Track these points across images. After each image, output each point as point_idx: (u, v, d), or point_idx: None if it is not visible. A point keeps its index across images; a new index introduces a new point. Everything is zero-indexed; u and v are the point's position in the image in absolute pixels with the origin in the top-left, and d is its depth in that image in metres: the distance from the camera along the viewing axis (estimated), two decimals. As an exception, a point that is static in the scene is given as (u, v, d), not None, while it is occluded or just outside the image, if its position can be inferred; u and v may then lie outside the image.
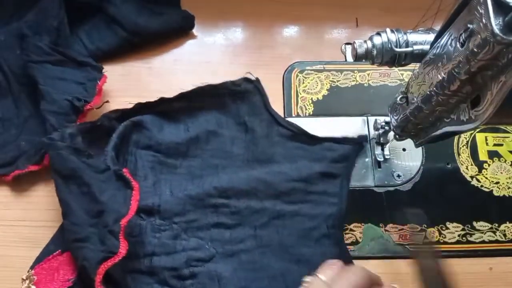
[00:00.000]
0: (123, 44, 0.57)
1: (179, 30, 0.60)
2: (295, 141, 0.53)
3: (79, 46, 0.57)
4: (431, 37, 0.37)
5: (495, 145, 0.55)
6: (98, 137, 0.50)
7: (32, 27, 0.53)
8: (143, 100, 0.53)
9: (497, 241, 0.50)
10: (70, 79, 0.53)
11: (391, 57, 0.39)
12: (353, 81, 0.58)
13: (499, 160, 0.54)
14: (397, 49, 0.38)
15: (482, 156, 0.54)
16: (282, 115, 0.55)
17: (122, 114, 0.51)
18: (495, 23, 0.26)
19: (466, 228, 0.50)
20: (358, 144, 0.53)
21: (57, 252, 0.45)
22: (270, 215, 0.49)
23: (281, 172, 0.50)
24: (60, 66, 0.53)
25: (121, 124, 0.50)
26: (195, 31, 0.61)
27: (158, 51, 0.60)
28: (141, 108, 0.52)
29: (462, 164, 0.54)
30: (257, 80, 0.54)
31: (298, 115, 0.56)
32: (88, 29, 0.58)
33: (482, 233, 0.50)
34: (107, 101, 0.54)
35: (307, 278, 0.35)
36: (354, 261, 0.48)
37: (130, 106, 0.52)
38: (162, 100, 0.52)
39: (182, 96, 0.53)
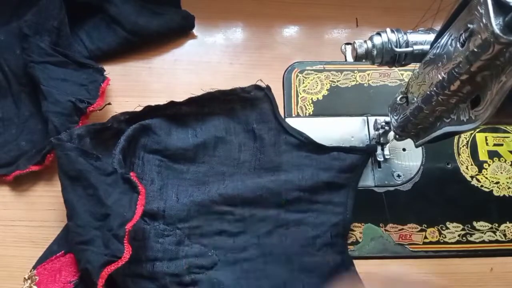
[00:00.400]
0: (123, 44, 0.57)
1: (179, 30, 0.60)
2: (303, 150, 0.52)
3: (79, 46, 0.57)
4: (431, 37, 0.37)
5: (495, 145, 0.55)
6: (106, 139, 0.50)
7: (32, 27, 0.53)
8: (143, 100, 0.53)
9: (497, 241, 0.50)
10: (72, 81, 0.53)
11: (391, 57, 0.39)
12: (353, 81, 0.58)
13: (499, 160, 0.54)
14: (397, 49, 0.38)
15: (482, 156, 0.54)
16: (282, 115, 0.55)
17: (131, 117, 0.51)
18: (495, 23, 0.26)
19: (466, 228, 0.50)
20: (366, 153, 0.52)
21: (60, 253, 0.45)
22: (274, 223, 0.48)
23: (287, 180, 0.50)
24: (61, 67, 0.53)
25: (129, 127, 0.50)
26: (195, 31, 0.61)
27: (158, 51, 0.60)
28: (150, 111, 0.52)
29: (462, 164, 0.54)
30: (268, 87, 0.54)
31: (298, 115, 0.56)
32: (88, 29, 0.58)
33: (482, 233, 0.50)
34: (109, 103, 0.54)
35: None
36: (354, 261, 0.48)
37: (139, 108, 0.52)
38: (171, 104, 0.52)
39: (191, 101, 0.52)
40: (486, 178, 0.53)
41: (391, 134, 0.49)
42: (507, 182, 0.53)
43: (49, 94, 0.50)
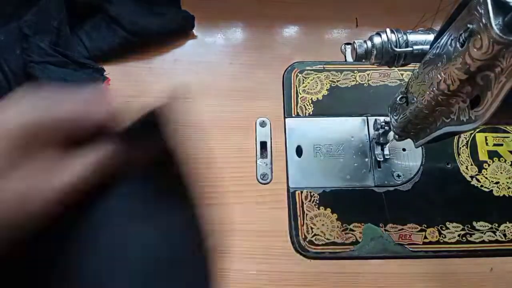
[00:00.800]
0: (123, 44, 0.57)
1: (179, 30, 0.60)
2: None
3: (79, 46, 0.57)
4: (431, 37, 0.37)
5: (495, 145, 0.55)
6: None
7: (32, 27, 0.53)
8: (143, 100, 0.53)
9: (497, 241, 0.50)
10: (72, 81, 0.53)
11: (391, 57, 0.39)
12: (353, 81, 0.58)
13: (499, 160, 0.54)
14: (397, 49, 0.38)
15: (482, 156, 0.54)
16: (282, 115, 0.55)
17: None
18: (495, 23, 0.26)
19: (466, 228, 0.50)
20: None
21: None
22: None
23: None
24: (61, 67, 0.53)
25: None
26: (195, 31, 0.61)
27: (158, 51, 0.60)
28: None
29: (462, 164, 0.54)
30: None
31: (298, 115, 0.56)
32: (88, 29, 0.58)
33: (482, 233, 0.50)
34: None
35: None
36: (355, 261, 0.48)
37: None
38: None
39: None
40: (486, 178, 0.53)
41: (391, 134, 0.49)
42: (507, 182, 0.53)
43: None
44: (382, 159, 0.52)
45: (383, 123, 0.50)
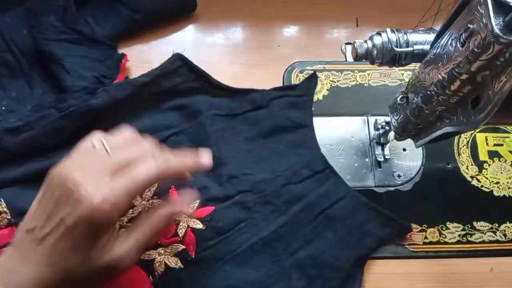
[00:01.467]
0: (127, 24, 0.58)
1: (181, 8, 0.61)
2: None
3: (85, 28, 0.57)
4: (431, 37, 0.37)
5: (495, 145, 0.55)
6: None
7: (39, 6, 0.54)
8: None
9: (497, 241, 0.50)
10: (91, 57, 0.54)
11: (391, 57, 0.39)
12: (353, 81, 0.58)
13: (499, 160, 0.54)
14: (397, 49, 0.38)
15: (482, 156, 0.54)
16: (282, 115, 0.55)
17: None
18: (495, 23, 0.26)
19: (466, 228, 0.50)
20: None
21: None
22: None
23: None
24: (77, 44, 0.54)
25: None
26: (195, 31, 0.61)
27: (158, 51, 0.60)
28: None
29: (462, 164, 0.54)
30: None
31: (298, 115, 0.56)
32: (94, 11, 0.58)
33: (482, 233, 0.50)
34: (127, 77, 0.55)
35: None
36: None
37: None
38: None
39: None
40: (486, 178, 0.53)
41: (391, 134, 0.49)
42: (507, 182, 0.53)
43: (73, 70, 0.51)
44: (382, 159, 0.52)
45: (384, 123, 0.50)
